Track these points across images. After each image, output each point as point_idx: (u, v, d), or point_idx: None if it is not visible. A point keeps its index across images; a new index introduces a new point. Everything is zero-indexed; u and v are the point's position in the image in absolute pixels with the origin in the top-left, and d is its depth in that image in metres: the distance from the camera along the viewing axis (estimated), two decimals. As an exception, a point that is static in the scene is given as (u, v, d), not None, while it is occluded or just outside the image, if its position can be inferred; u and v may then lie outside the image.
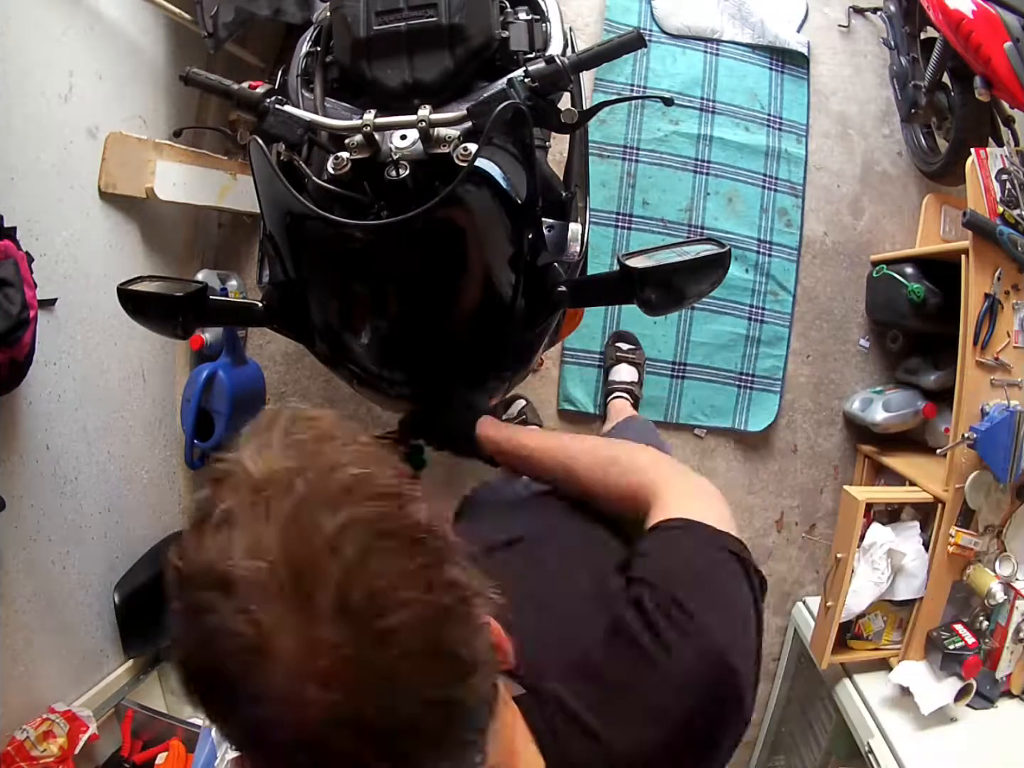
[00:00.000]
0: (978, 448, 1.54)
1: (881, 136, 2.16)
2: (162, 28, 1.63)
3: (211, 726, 0.43)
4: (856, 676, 1.73)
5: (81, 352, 1.42)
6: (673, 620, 0.56)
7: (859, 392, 2.09)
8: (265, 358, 2.00)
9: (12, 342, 1.10)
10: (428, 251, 0.83)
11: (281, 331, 1.02)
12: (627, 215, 2.03)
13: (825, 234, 2.11)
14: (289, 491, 0.40)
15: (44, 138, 1.29)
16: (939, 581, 1.64)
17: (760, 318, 2.05)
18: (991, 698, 1.64)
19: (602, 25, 2.05)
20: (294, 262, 0.93)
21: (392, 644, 0.37)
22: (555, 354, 2.00)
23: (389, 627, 0.37)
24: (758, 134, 2.07)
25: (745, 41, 2.08)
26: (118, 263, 1.53)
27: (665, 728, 0.54)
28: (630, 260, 0.90)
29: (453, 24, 0.99)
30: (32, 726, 1.24)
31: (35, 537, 1.27)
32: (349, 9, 1.02)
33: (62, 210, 1.35)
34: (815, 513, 2.11)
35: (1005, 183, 1.62)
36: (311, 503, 0.39)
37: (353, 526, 0.39)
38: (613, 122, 2.02)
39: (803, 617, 1.99)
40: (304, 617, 0.37)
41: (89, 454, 1.45)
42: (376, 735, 0.37)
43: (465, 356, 0.95)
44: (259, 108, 0.92)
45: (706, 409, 2.04)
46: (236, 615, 0.37)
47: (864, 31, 2.19)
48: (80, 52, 1.38)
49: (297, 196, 0.81)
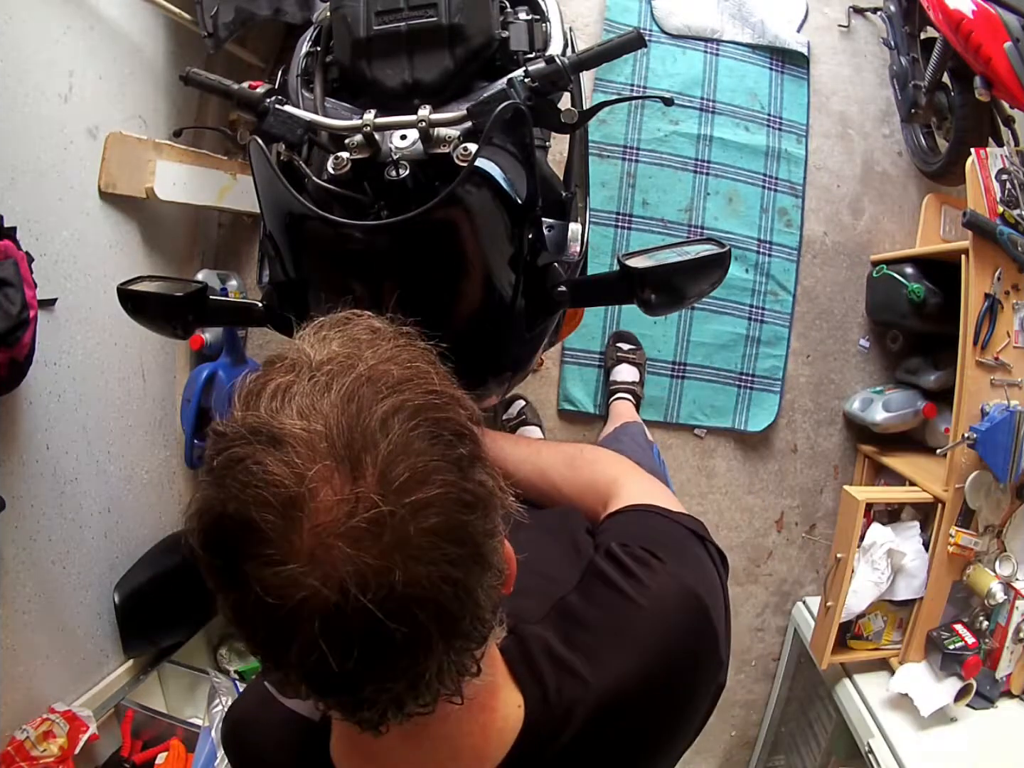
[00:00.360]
0: (978, 448, 1.55)
1: (881, 136, 2.16)
2: (162, 28, 1.63)
3: (220, 597, 0.44)
4: (856, 676, 1.73)
5: (81, 352, 1.42)
6: (646, 564, 0.59)
7: (859, 392, 2.09)
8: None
9: (12, 342, 1.10)
10: (428, 251, 0.83)
11: (281, 331, 1.02)
12: (627, 215, 2.03)
13: (825, 234, 2.11)
14: (349, 371, 0.43)
15: (44, 138, 1.29)
16: (939, 581, 1.64)
17: (760, 318, 2.05)
18: (991, 698, 1.64)
19: (602, 25, 2.05)
20: (294, 262, 0.93)
21: (423, 517, 0.40)
22: (555, 354, 2.00)
23: (424, 500, 0.40)
24: (758, 134, 2.07)
25: (745, 41, 2.08)
26: (118, 263, 1.53)
27: (641, 657, 0.55)
28: (630, 260, 0.90)
29: (453, 24, 0.99)
30: (32, 726, 1.24)
31: (35, 537, 1.27)
32: (349, 9, 1.01)
33: (62, 210, 1.35)
34: (815, 513, 2.12)
35: (1005, 183, 1.62)
36: (369, 384, 0.42)
37: (405, 409, 0.42)
38: (613, 122, 2.02)
39: (803, 617, 1.99)
40: (347, 476, 0.40)
41: (89, 454, 1.45)
42: (397, 600, 0.39)
43: (464, 356, 0.95)
44: (259, 108, 0.92)
45: (706, 409, 2.04)
46: (281, 465, 0.40)
47: (864, 31, 2.19)
48: (80, 52, 1.38)
49: (297, 196, 0.81)
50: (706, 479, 2.07)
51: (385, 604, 0.38)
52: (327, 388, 0.42)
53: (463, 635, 0.43)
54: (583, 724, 0.53)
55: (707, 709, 0.61)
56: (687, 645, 0.58)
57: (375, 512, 0.39)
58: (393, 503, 0.39)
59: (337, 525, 0.39)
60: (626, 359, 1.97)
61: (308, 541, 0.39)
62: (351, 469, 0.40)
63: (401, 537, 0.39)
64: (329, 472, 0.39)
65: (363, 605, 0.38)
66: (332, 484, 0.39)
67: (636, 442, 1.47)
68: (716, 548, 0.66)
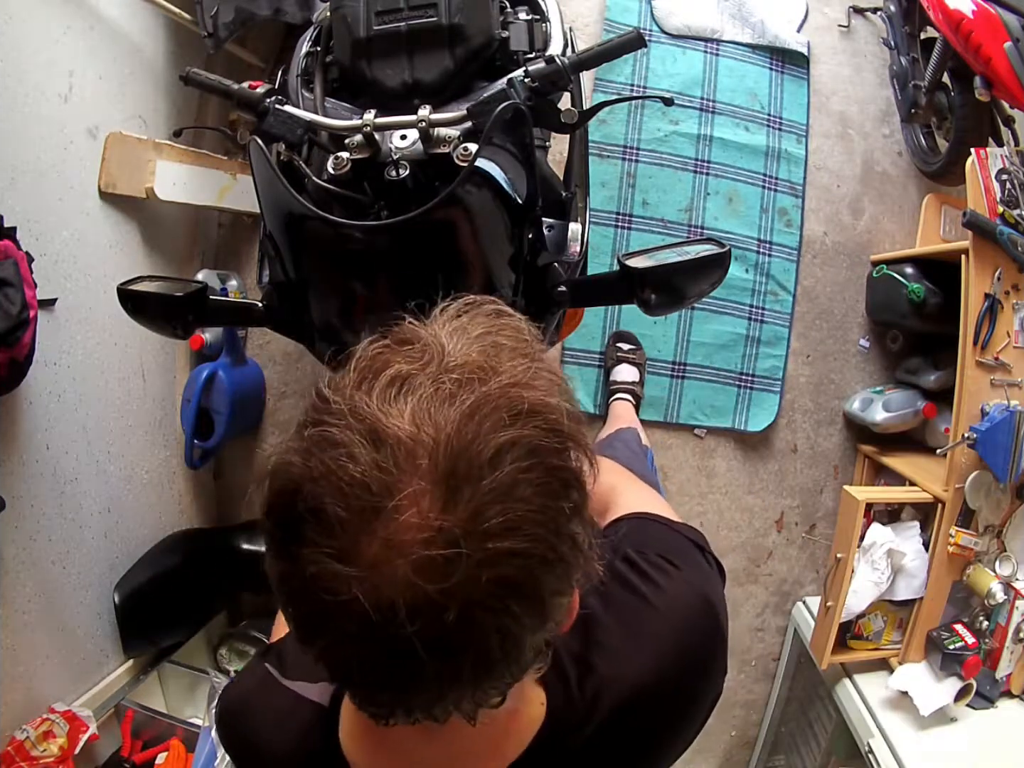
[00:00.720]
0: (978, 448, 1.54)
1: (881, 136, 2.16)
2: (162, 28, 1.63)
3: (269, 557, 0.42)
4: (856, 676, 1.73)
5: (81, 352, 1.42)
6: (663, 570, 0.59)
7: (859, 392, 2.09)
8: (265, 358, 2.00)
9: (12, 342, 1.10)
10: (428, 251, 0.83)
11: (281, 331, 1.02)
12: (627, 215, 2.03)
13: (825, 234, 2.11)
14: (479, 384, 0.40)
15: (44, 138, 1.29)
16: (939, 581, 1.64)
17: (760, 318, 2.05)
18: (991, 698, 1.64)
19: (602, 25, 2.05)
20: (294, 262, 0.93)
21: (499, 566, 0.38)
22: (555, 354, 2.00)
23: (506, 550, 0.38)
24: (758, 134, 2.07)
25: (745, 41, 2.08)
26: (118, 263, 1.53)
27: (658, 657, 0.56)
28: (630, 260, 0.90)
29: (453, 24, 0.99)
30: (32, 726, 1.24)
31: (35, 537, 1.27)
32: (349, 9, 1.02)
33: (62, 210, 1.35)
34: (815, 513, 2.11)
35: (1005, 183, 1.62)
36: (493, 407, 0.40)
37: (522, 446, 0.39)
38: (613, 122, 2.02)
39: (803, 617, 1.99)
40: (439, 502, 0.37)
41: (89, 454, 1.45)
42: (441, 637, 0.38)
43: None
44: (259, 108, 0.92)
45: (706, 409, 2.04)
46: (375, 470, 0.38)
47: (864, 31, 2.19)
48: (80, 52, 1.38)
49: (297, 196, 0.81)
50: (706, 479, 2.07)
51: (427, 637, 0.37)
52: (450, 398, 0.40)
53: (496, 677, 0.42)
54: (606, 716, 0.53)
55: (705, 717, 0.61)
56: (699, 648, 0.58)
57: (453, 551, 0.37)
58: (474, 546, 0.37)
59: (411, 548, 0.37)
60: (626, 359, 1.97)
61: (375, 551, 0.37)
62: (445, 495, 0.38)
63: (469, 580, 0.37)
64: (422, 493, 0.38)
65: (406, 633, 0.37)
66: (420, 506, 0.37)
67: (630, 448, 1.46)
68: (715, 558, 0.67)
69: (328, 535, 0.38)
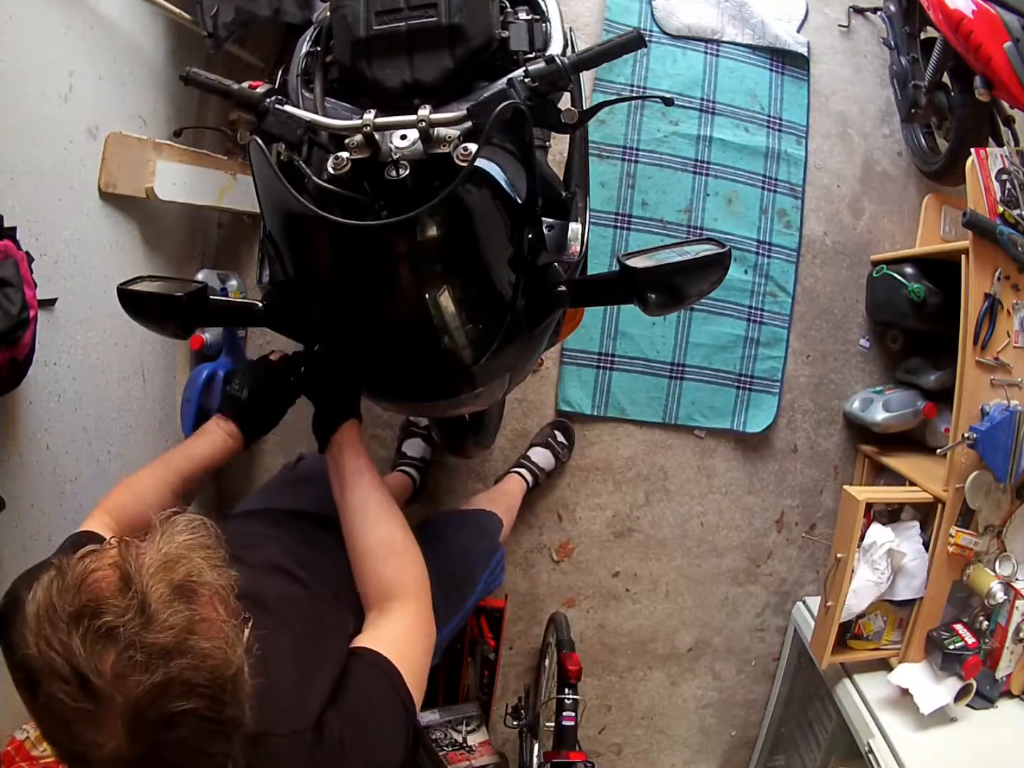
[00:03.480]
0: (978, 448, 1.55)
1: (881, 136, 2.16)
2: (162, 28, 1.63)
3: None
4: (856, 676, 1.73)
5: (81, 352, 1.41)
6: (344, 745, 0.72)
7: (859, 392, 2.09)
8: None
9: (12, 342, 1.10)
10: (428, 251, 0.83)
11: (281, 331, 1.02)
12: (626, 215, 2.03)
13: (825, 234, 2.11)
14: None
15: (44, 138, 1.29)
16: (939, 581, 1.64)
17: (759, 319, 2.05)
18: (991, 698, 1.64)
19: (602, 25, 2.05)
20: (294, 262, 0.93)
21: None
22: (555, 354, 2.00)
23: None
24: (758, 135, 2.07)
25: (745, 42, 2.08)
26: (118, 263, 1.52)
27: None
28: (630, 260, 0.90)
29: (453, 24, 0.99)
30: (32, 726, 1.24)
31: (35, 537, 1.27)
32: (349, 9, 1.01)
33: (62, 210, 1.35)
34: (815, 513, 2.12)
35: (1005, 183, 1.62)
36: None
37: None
38: (613, 122, 2.02)
39: (803, 617, 1.99)
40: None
41: (89, 454, 1.45)
42: None
43: (465, 356, 0.95)
44: (259, 108, 0.92)
45: (705, 410, 2.04)
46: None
47: (864, 31, 2.19)
48: (80, 52, 1.38)
49: (297, 196, 0.81)
50: (706, 479, 2.07)
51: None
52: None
53: None
54: None
55: None
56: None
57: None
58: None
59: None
60: (554, 450, 1.96)
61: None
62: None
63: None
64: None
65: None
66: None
67: (477, 545, 1.38)
68: (415, 728, 0.81)
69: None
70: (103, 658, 0.54)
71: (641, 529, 2.05)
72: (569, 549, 2.04)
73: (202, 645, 0.57)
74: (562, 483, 2.03)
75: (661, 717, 2.12)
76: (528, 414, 2.02)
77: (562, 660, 1.57)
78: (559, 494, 2.03)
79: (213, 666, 0.57)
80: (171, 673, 0.55)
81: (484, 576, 1.32)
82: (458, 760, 1.69)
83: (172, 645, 0.56)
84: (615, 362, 2.02)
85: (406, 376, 0.97)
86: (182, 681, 0.56)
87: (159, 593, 0.57)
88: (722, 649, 2.11)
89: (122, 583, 0.57)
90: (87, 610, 0.56)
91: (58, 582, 0.58)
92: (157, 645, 0.55)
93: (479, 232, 0.86)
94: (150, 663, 0.55)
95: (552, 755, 1.43)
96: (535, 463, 1.94)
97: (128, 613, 0.56)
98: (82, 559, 0.60)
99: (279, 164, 0.92)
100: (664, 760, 2.14)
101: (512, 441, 2.02)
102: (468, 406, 1.17)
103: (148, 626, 0.56)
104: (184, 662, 0.56)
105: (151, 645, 0.55)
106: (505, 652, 1.95)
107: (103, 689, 0.54)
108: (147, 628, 0.56)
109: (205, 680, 0.57)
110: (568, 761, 1.40)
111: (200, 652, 0.57)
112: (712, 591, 2.08)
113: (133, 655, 0.55)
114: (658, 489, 2.05)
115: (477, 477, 2.02)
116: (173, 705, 0.55)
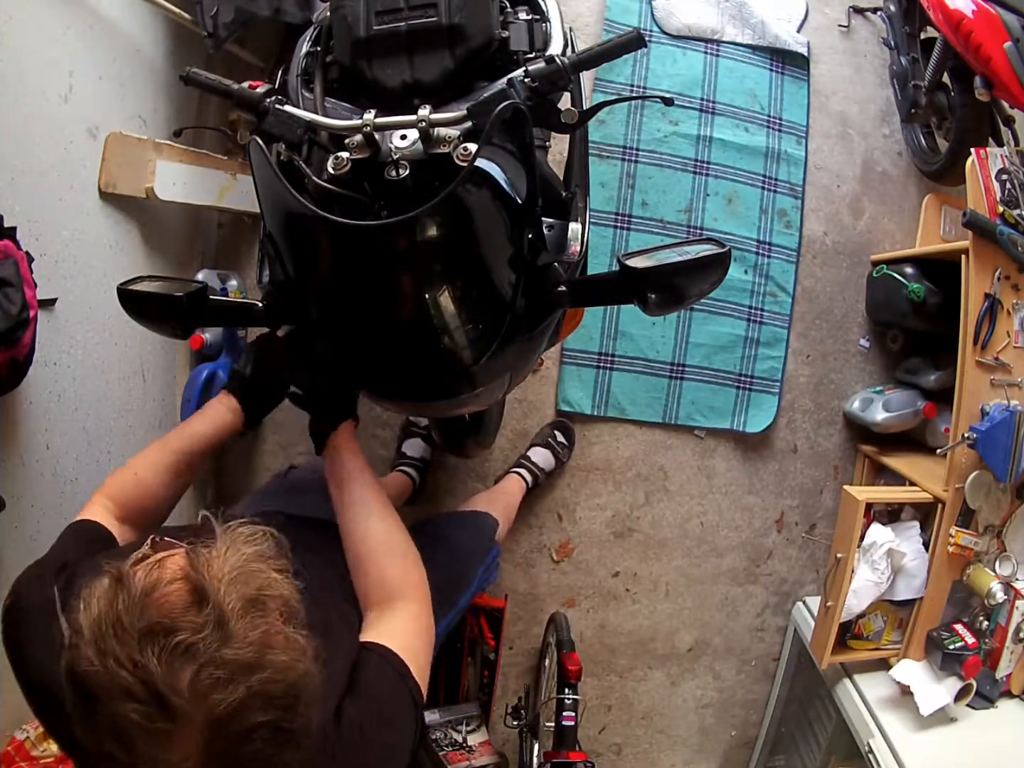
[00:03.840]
0: (978, 448, 1.55)
1: (881, 136, 2.16)
2: (162, 28, 1.63)
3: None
4: (856, 676, 1.73)
5: (81, 352, 1.41)
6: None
7: (859, 392, 2.09)
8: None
9: (12, 342, 1.10)
10: (428, 251, 0.83)
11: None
12: (626, 215, 2.03)
13: (825, 234, 2.11)
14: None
15: (44, 138, 1.29)
16: (939, 581, 1.64)
17: (759, 319, 2.05)
18: (991, 698, 1.64)
19: (602, 25, 2.05)
20: (294, 262, 0.93)
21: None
22: (554, 354, 2.00)
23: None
24: (758, 135, 2.07)
25: (745, 42, 2.08)
26: (118, 263, 1.52)
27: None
28: (630, 260, 0.90)
29: (453, 24, 0.99)
30: (32, 726, 1.24)
31: (35, 537, 1.27)
32: (349, 9, 1.01)
33: (62, 210, 1.35)
34: (815, 513, 2.12)
35: (1005, 183, 1.62)
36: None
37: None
38: (613, 122, 2.02)
39: (803, 617, 1.99)
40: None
41: (89, 454, 1.45)
42: None
43: (466, 356, 0.95)
44: (259, 108, 0.92)
45: (704, 410, 2.04)
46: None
47: (864, 31, 2.19)
48: (80, 52, 1.37)
49: (297, 196, 0.81)
50: (706, 479, 2.07)
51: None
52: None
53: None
54: None
55: None
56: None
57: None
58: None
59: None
60: (555, 451, 1.96)
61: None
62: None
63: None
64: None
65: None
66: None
67: (474, 544, 1.39)
68: (422, 718, 0.82)
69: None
70: (180, 676, 0.53)
71: (641, 529, 2.05)
72: (569, 549, 2.04)
73: (280, 658, 0.57)
74: (562, 483, 2.03)
75: (661, 717, 2.12)
76: (528, 414, 2.02)
77: (562, 660, 1.57)
78: (559, 494, 2.03)
79: (290, 678, 0.57)
80: (253, 688, 0.55)
81: (479, 574, 1.32)
82: (458, 760, 1.69)
83: (252, 660, 0.55)
84: (615, 362, 2.02)
85: (406, 376, 0.97)
86: (263, 695, 0.55)
87: (234, 607, 0.56)
88: (722, 649, 2.11)
89: (194, 596, 0.56)
90: (160, 626, 0.54)
91: (123, 595, 0.55)
92: (237, 661, 0.55)
93: (479, 232, 0.86)
94: (232, 679, 0.54)
95: (552, 755, 1.44)
96: (535, 463, 1.94)
97: (205, 629, 0.54)
98: (143, 568, 0.58)
99: (279, 164, 0.92)
100: (664, 760, 2.14)
101: (512, 441, 2.02)
102: (468, 406, 1.17)
103: (227, 642, 0.55)
104: (264, 676, 0.55)
105: (231, 661, 0.54)
106: (505, 652, 1.95)
107: (182, 707, 0.53)
108: (226, 644, 0.55)
109: (282, 692, 0.57)
110: (568, 761, 1.40)
111: (278, 665, 0.57)
112: (712, 591, 2.09)
113: (213, 672, 0.54)
114: (658, 489, 2.05)
115: (477, 477, 2.02)
116: (252, 719, 0.55)
